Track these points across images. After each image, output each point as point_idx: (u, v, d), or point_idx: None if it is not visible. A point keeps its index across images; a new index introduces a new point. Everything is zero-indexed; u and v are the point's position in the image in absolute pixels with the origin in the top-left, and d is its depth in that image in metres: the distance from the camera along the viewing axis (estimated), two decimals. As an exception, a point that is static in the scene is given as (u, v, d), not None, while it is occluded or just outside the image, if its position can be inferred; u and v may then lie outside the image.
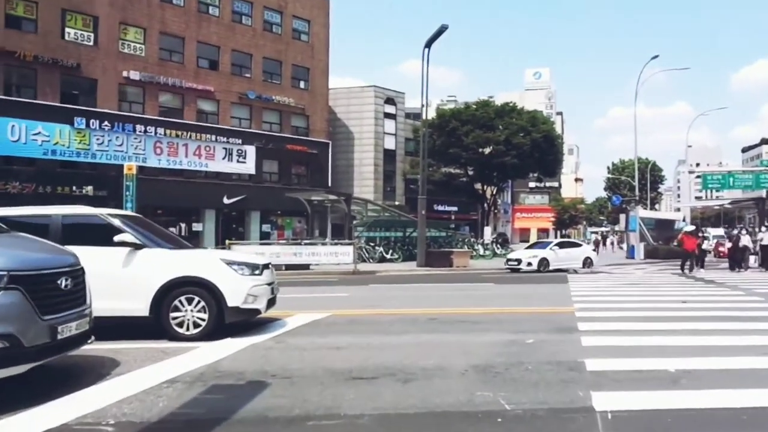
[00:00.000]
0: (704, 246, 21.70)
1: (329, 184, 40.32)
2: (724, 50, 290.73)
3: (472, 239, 37.71)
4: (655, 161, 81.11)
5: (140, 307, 6.78)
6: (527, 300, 11.59)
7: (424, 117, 26.92)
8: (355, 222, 30.98)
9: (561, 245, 24.91)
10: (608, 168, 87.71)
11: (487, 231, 39.72)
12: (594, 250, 41.61)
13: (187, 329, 6.90)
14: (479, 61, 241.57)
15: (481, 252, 34.46)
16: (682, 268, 20.79)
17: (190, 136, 33.96)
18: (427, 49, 26.19)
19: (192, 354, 6.17)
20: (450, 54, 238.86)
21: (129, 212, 8.30)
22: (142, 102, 32.67)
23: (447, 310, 9.91)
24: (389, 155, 46.88)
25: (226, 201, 35.61)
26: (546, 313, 9.37)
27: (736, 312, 9.38)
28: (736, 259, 21.95)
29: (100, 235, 6.90)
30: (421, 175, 27.78)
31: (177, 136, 33.43)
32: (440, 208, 48.73)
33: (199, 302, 6.93)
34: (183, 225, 34.58)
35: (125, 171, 22.64)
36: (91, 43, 30.69)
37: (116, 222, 7.08)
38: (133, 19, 32.28)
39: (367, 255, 29.45)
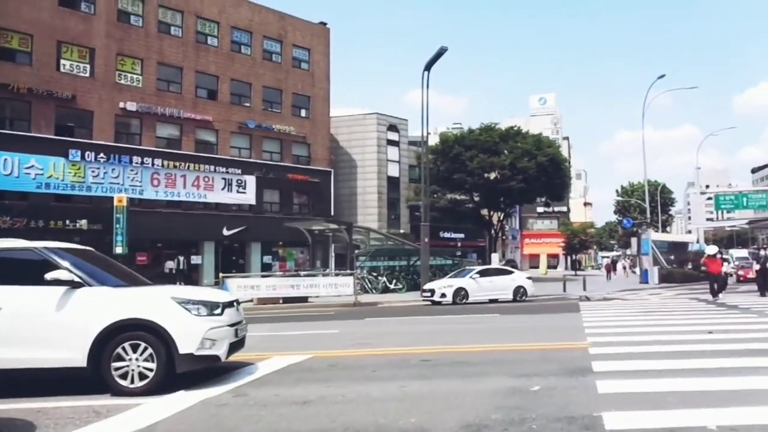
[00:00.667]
0: (724, 269, 20.36)
1: (332, 213, 39.47)
2: (728, 73, 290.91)
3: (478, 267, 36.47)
4: (665, 183, 79.70)
5: (76, 357, 5.79)
6: (534, 334, 10.48)
7: (424, 140, 26.06)
8: (357, 251, 29.98)
9: (484, 273, 22.62)
10: (617, 191, 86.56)
11: (495, 258, 38.51)
12: (607, 275, 40.50)
13: (132, 381, 5.89)
14: (484, 89, 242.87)
15: (489, 280, 33.23)
16: (712, 294, 19.47)
17: (189, 167, 33.30)
18: (426, 72, 25.55)
19: (129, 414, 5.15)
20: (455, 83, 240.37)
21: (76, 246, 7.35)
22: (139, 133, 32.13)
23: (444, 348, 8.83)
24: (393, 183, 46.06)
25: (225, 232, 34.77)
26: (555, 350, 8.27)
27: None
28: (764, 282, 20.54)
29: (35, 271, 5.96)
30: (423, 201, 26.87)
31: (175, 167, 32.78)
32: (446, 235, 47.60)
33: (145, 349, 5.93)
34: (181, 258, 33.71)
35: (115, 203, 21.91)
36: (87, 75, 30.31)
37: (53, 257, 6.14)
38: (130, 50, 31.95)
39: (369, 285, 28.43)
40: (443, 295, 20.82)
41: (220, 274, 21.91)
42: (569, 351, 8.09)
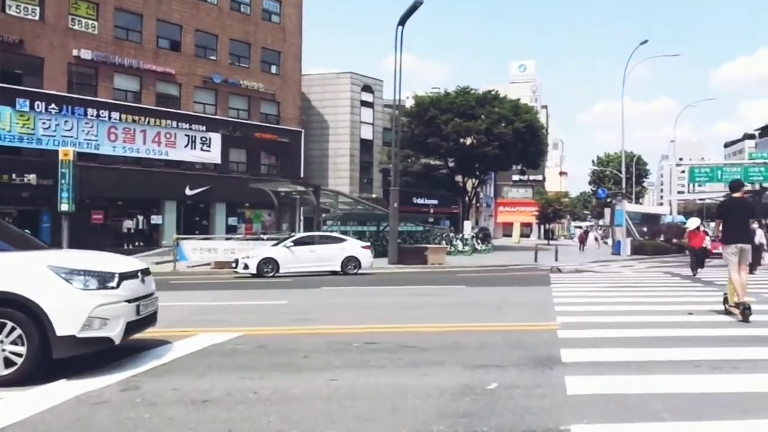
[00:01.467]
0: (705, 243, 19.63)
1: (301, 175, 38.10)
2: (705, 47, 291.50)
3: (451, 234, 35.70)
4: (640, 155, 79.67)
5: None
6: (499, 310, 9.54)
7: (395, 101, 24.76)
8: (324, 215, 28.82)
9: (303, 241, 19.41)
10: (593, 161, 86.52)
11: (467, 225, 37.72)
12: (581, 246, 39.98)
13: (-5, 369, 4.74)
14: (466, 55, 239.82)
15: (460, 248, 32.50)
16: (692, 269, 18.62)
17: (149, 122, 31.51)
18: (400, 27, 24.10)
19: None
20: (436, 48, 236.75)
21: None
22: (94, 84, 30.13)
23: (396, 327, 7.82)
24: (366, 146, 44.74)
25: (188, 192, 33.25)
26: (520, 331, 7.32)
27: (761, 330, 7.40)
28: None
29: None
30: (393, 164, 25.75)
31: (134, 121, 30.96)
32: (420, 201, 46.67)
33: (13, 329, 4.77)
34: (141, 217, 32.22)
35: (61, 156, 20.28)
36: (37, 18, 28.09)
37: None
38: (85, -8, 29.69)
39: (336, 251, 27.34)
40: (246, 267, 17.99)
41: (174, 236, 20.60)
42: (536, 334, 7.14)
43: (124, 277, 5.31)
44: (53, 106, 28.01)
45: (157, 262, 22.86)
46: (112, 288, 5.13)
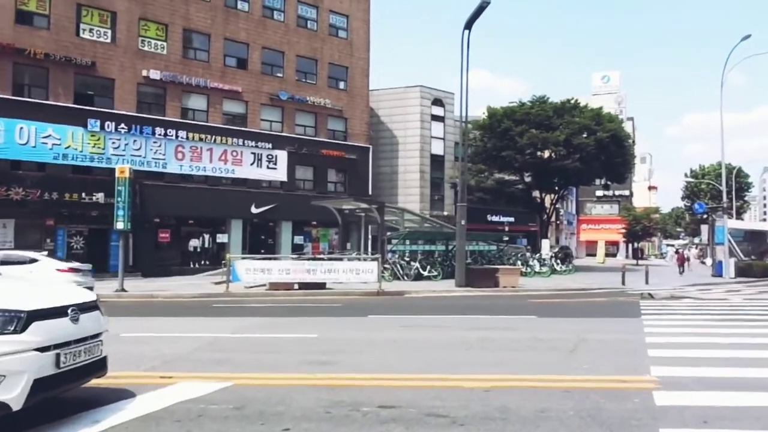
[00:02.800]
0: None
1: (369, 193, 36.90)
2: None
3: (528, 254, 33.17)
4: (740, 167, 72.98)
5: None
6: (573, 355, 7.53)
7: (462, 108, 23.02)
8: (389, 234, 27.32)
9: None
10: (686, 174, 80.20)
11: (545, 244, 35.05)
12: (680, 267, 35.88)
13: None
14: (546, 70, 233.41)
15: (537, 268, 29.97)
16: None
17: (215, 140, 31.34)
18: (467, 31, 22.40)
19: None
20: (516, 65, 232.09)
21: None
22: (162, 103, 30.31)
23: (429, 378, 6.05)
24: (437, 161, 42.96)
25: (254, 210, 32.76)
26: (598, 390, 5.36)
27: None
28: None
29: None
30: (460, 178, 23.91)
31: (201, 139, 30.88)
32: (494, 218, 44.32)
33: None
34: (207, 236, 31.96)
35: (117, 174, 19.90)
36: (109, 40, 28.60)
37: None
38: (154, 14, 30.06)
39: (401, 271, 25.74)
40: None
41: (228, 255, 19.70)
42: (622, 397, 5.16)
43: (37, 316, 3.92)
44: (123, 125, 28.29)
45: (217, 282, 22.18)
46: (12, 332, 3.75)
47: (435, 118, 42.97)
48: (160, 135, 29.48)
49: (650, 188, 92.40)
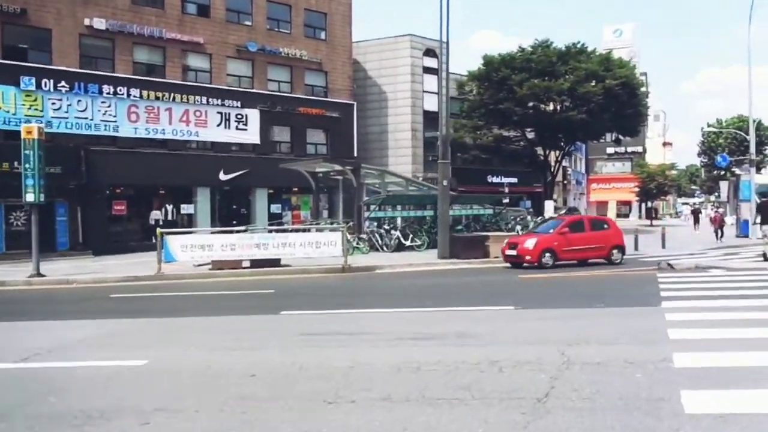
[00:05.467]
0: None
1: (355, 154, 33.42)
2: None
3: (529, 217, 29.73)
4: (761, 120, 68.25)
5: None
6: (535, 419, 4.18)
7: (441, 53, 19.43)
8: (366, 199, 23.99)
9: None
10: (702, 129, 75.57)
11: (549, 205, 31.61)
12: (695, 224, 32.17)
13: None
14: (555, 26, 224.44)
15: (539, 233, 26.51)
16: None
17: (175, 99, 27.87)
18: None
19: None
20: (522, 23, 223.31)
21: None
22: (111, 58, 26.77)
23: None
24: (431, 118, 38.95)
25: (222, 177, 29.46)
26: None
27: None
28: None
29: None
30: (441, 133, 20.51)
31: (157, 98, 27.42)
32: (495, 179, 40.67)
33: None
34: (170, 207, 28.77)
35: (23, 135, 16.63)
36: (42, -15, 25.00)
37: None
38: (96, -47, 26.30)
39: (380, 242, 22.51)
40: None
41: (158, 230, 16.45)
42: None
43: None
44: (63, 83, 24.88)
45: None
46: None
47: (428, 70, 38.98)
48: (108, 94, 26.04)
49: (665, 144, 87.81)
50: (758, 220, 20.32)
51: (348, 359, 5.49)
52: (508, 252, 16.56)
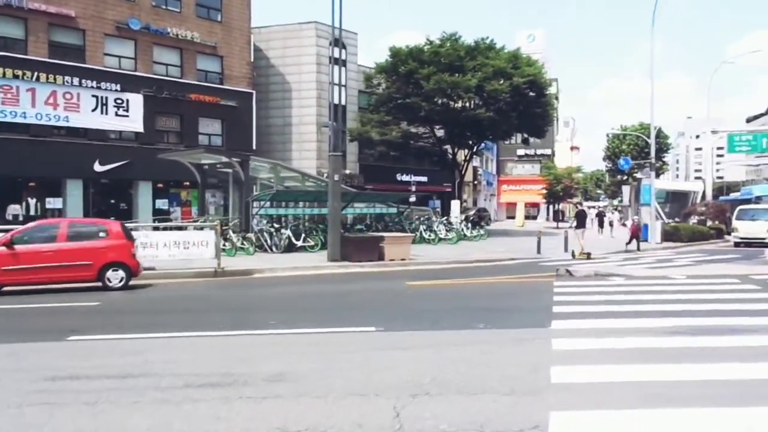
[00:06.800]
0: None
1: (253, 147, 31.01)
2: (721, 21, 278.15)
3: (434, 218, 28.48)
4: (661, 127, 71.38)
5: None
6: None
7: (334, 38, 17.67)
8: (254, 195, 21.74)
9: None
10: (607, 135, 78.30)
11: (455, 206, 30.54)
12: (599, 228, 32.08)
13: None
14: (470, 29, 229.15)
15: (443, 234, 25.30)
16: None
17: (39, 78, 24.44)
18: None
19: None
20: (438, 24, 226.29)
21: None
22: (-43, 27, 23.06)
23: None
24: (337, 112, 37.22)
25: (98, 168, 26.26)
26: None
27: None
28: None
29: None
30: (330, 123, 18.69)
31: (16, 77, 23.92)
32: (405, 178, 39.34)
33: None
34: (33, 201, 25.27)
35: None
36: None
37: None
38: None
39: (269, 241, 20.33)
40: None
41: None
42: None
43: None
44: None
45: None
46: None
47: (335, 62, 37.06)
48: (-48, 68, 22.33)
49: (572, 148, 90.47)
50: (574, 224, 20.93)
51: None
52: None
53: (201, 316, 8.57)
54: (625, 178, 69.11)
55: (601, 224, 32.94)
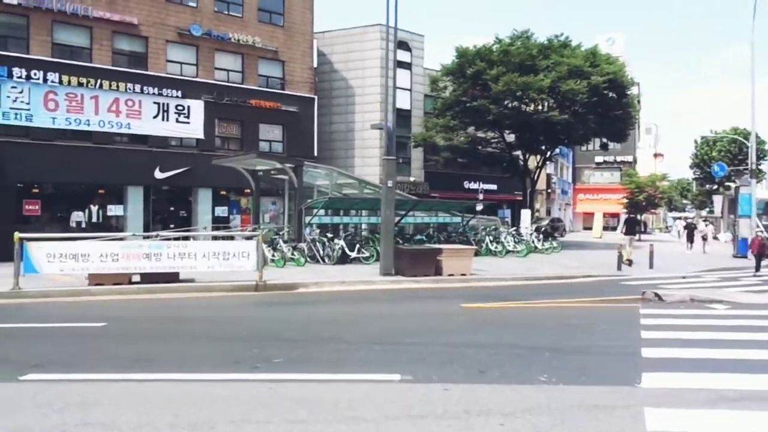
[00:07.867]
0: None
1: (315, 154, 30.14)
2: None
3: (502, 228, 26.48)
4: (757, 133, 65.24)
5: None
6: None
7: (388, 40, 16.30)
8: (308, 202, 20.64)
9: None
10: (695, 141, 72.51)
11: (525, 215, 28.34)
12: (688, 243, 28.37)
13: None
14: (546, 32, 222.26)
15: (511, 246, 23.30)
16: None
17: (102, 86, 24.46)
18: None
19: None
20: (507, 25, 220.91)
21: None
22: (25, 37, 23.32)
23: None
24: (402, 117, 35.80)
25: (158, 175, 26.05)
26: None
27: None
28: None
29: None
30: (385, 125, 17.26)
31: (81, 84, 24.00)
32: (473, 185, 37.53)
33: None
34: (95, 208, 25.30)
35: None
36: (-58, -50, 21.61)
37: None
38: None
39: (321, 252, 19.15)
40: None
41: (16, 234, 12.99)
42: None
43: None
44: (-36, 63, 21.49)
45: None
46: None
47: (400, 64, 35.77)
48: (20, 78, 22.62)
49: (656, 155, 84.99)
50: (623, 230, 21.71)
51: None
52: None
53: (195, 347, 7.25)
54: (715, 187, 63.82)
55: (690, 238, 29.50)
